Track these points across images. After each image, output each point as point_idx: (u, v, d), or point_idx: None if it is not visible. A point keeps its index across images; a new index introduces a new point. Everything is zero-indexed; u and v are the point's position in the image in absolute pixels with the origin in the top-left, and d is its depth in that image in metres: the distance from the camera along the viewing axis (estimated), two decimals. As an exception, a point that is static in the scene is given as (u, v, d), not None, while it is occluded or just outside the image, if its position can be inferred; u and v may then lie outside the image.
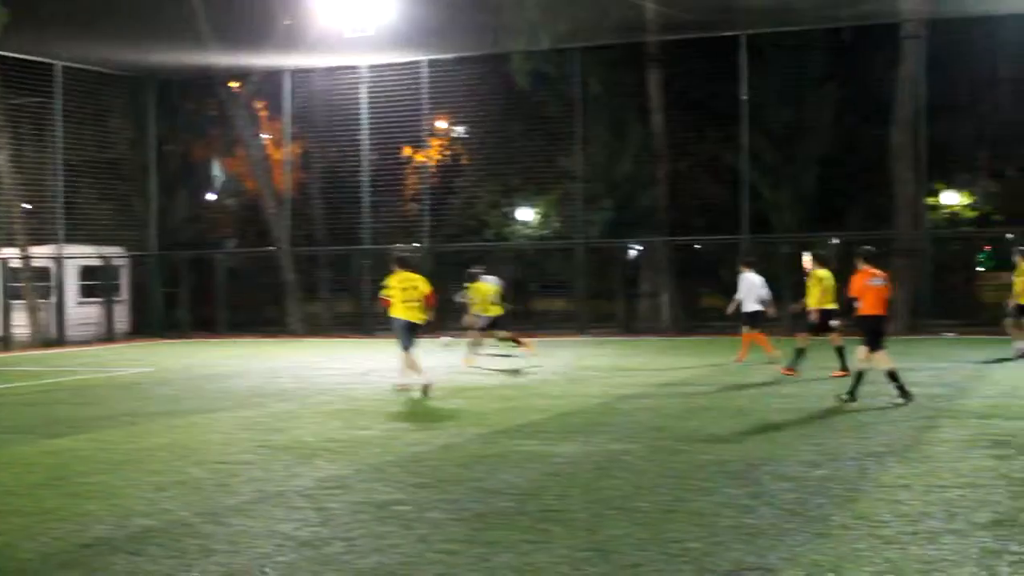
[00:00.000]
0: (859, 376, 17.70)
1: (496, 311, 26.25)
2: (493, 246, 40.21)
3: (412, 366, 20.49)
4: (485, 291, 26.22)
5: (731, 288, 26.98)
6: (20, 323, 37.45)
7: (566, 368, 25.34)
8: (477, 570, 8.34)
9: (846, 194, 37.92)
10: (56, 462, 13.57)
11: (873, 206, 36.73)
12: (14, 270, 37.67)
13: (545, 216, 41.93)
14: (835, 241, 33.95)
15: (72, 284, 39.49)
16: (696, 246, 40.78)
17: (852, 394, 17.57)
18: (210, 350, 29.68)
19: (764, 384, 21.09)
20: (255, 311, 36.43)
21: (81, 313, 39.39)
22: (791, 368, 22.44)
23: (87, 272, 40.33)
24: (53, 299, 38.71)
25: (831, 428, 15.14)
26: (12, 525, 10.09)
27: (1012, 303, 26.05)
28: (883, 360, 17.76)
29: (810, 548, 8.85)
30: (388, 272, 21.21)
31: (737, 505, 10.37)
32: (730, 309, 26.50)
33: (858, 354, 17.92)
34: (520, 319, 39.86)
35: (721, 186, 39.61)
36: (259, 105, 45.76)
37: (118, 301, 41.09)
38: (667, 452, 13.37)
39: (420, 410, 18.13)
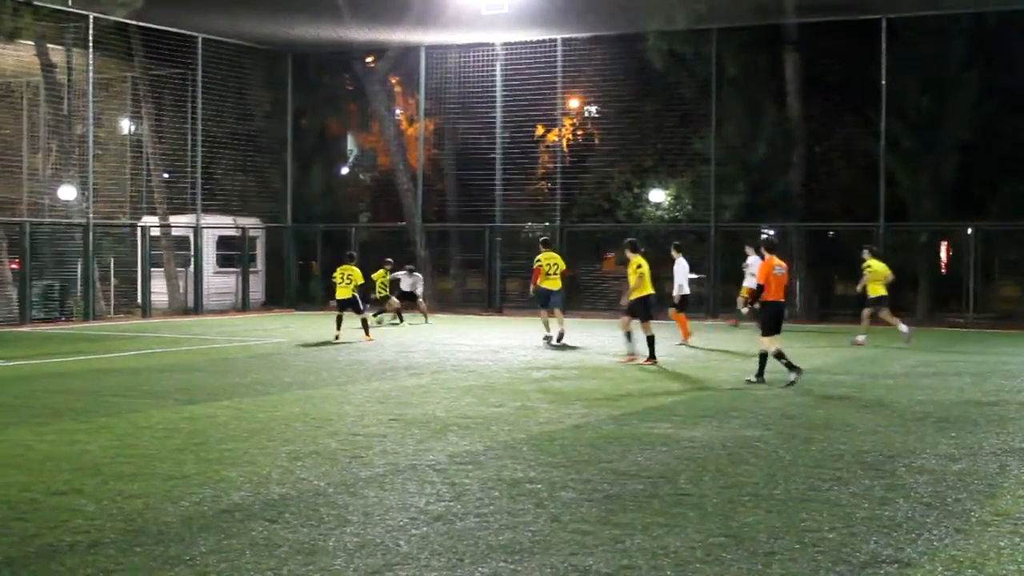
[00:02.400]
0: (779, 356, 18.87)
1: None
2: (624, 227, 40.04)
3: (548, 323, 25.83)
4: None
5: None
6: (159, 291, 38.24)
7: (696, 352, 25.19)
8: (610, 551, 8.33)
9: (986, 183, 37.06)
10: (195, 428, 13.85)
11: (1016, 195, 35.83)
12: (154, 239, 38.46)
13: (677, 198, 41.63)
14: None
15: (209, 254, 40.21)
16: (830, 233, 40.20)
17: (760, 376, 19.05)
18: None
19: (902, 374, 20.75)
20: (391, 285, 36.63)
21: (217, 283, 40.11)
22: None
23: (223, 242, 41.04)
24: (191, 268, 39.44)
25: (970, 422, 14.85)
26: (154, 488, 10.32)
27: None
28: (771, 343, 18.91)
29: (948, 543, 8.71)
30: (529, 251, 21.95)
31: (873, 496, 10.23)
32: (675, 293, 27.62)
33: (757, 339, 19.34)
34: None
35: (857, 172, 39.00)
36: (394, 81, 46.09)
37: (253, 272, 41.78)
38: (801, 440, 13.23)
39: (552, 389, 18.15)
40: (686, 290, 27.06)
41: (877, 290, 27.35)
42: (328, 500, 9.94)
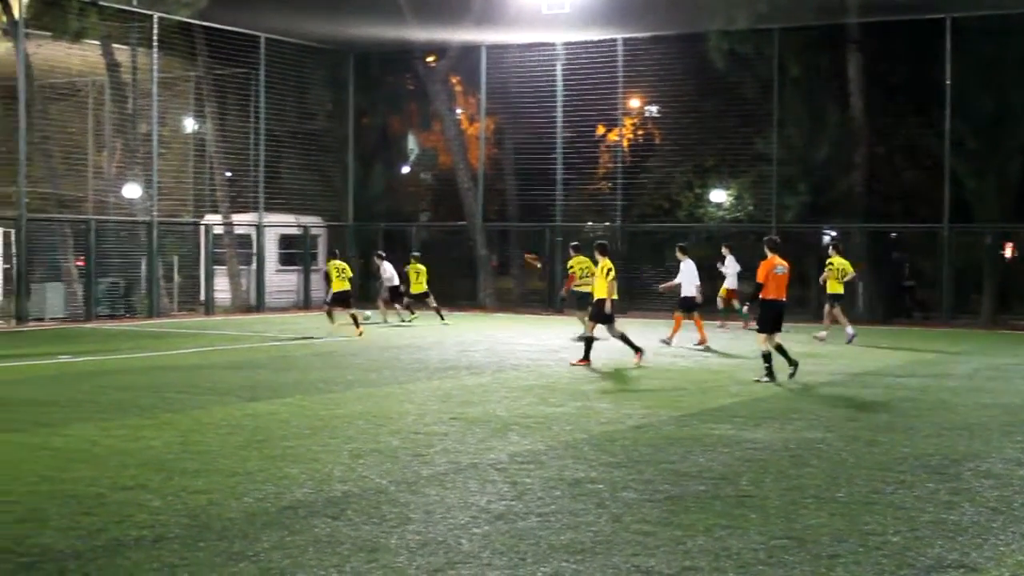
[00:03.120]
0: (767, 356, 19.32)
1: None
2: (685, 227, 39.92)
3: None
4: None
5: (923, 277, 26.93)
6: (221, 288, 38.53)
7: (758, 353, 25.00)
8: (672, 552, 8.32)
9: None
10: (257, 425, 13.96)
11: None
12: (217, 236, 38.76)
13: (738, 198, 41.45)
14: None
15: (271, 252, 40.46)
16: (892, 234, 39.85)
17: (770, 374, 19.27)
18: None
19: (966, 377, 20.57)
20: (447, 284, 36.72)
21: (279, 281, 40.35)
22: None
23: (285, 241, 41.29)
24: (253, 266, 39.72)
25: (1036, 425, 14.70)
26: (218, 484, 10.40)
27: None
28: (766, 341, 19.36)
29: (1016, 548, 8.63)
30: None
31: (938, 500, 10.16)
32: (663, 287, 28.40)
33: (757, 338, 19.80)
34: (709, 302, 39.60)
35: (920, 172, 38.61)
36: (455, 80, 46.18)
37: (315, 270, 41.99)
38: (864, 443, 13.14)
39: (612, 390, 18.13)
40: (693, 292, 26.92)
41: (835, 287, 28.46)
42: (390, 498, 9.98)
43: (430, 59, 44.40)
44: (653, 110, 44.57)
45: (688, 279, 26.85)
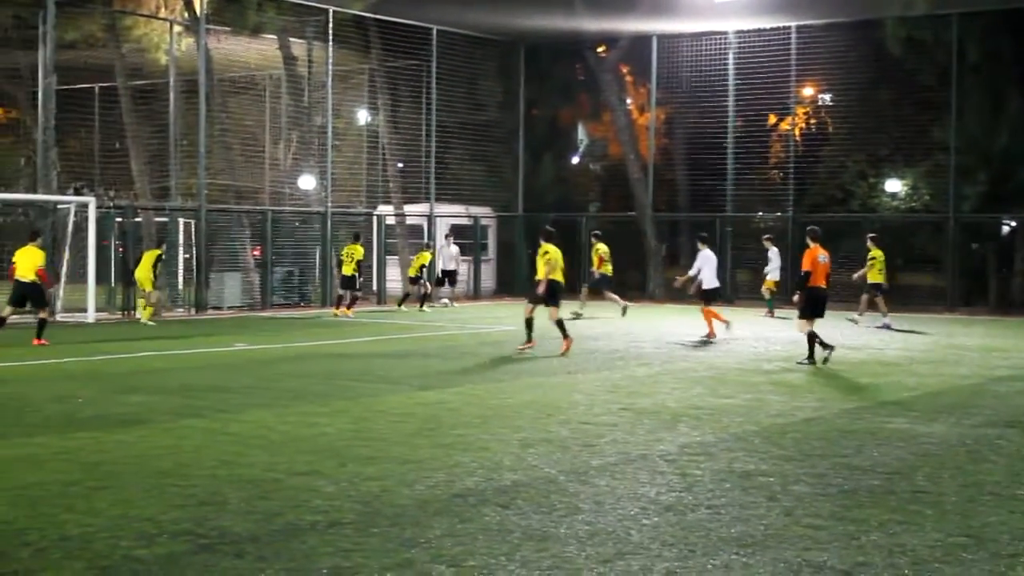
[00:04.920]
0: (811, 339, 20.28)
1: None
2: (859, 217, 39.21)
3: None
4: None
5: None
6: (393, 278, 39.02)
7: (935, 346, 24.53)
8: (845, 548, 8.18)
9: None
10: (428, 413, 14.12)
11: None
12: (389, 227, 39.28)
13: (914, 188, 40.55)
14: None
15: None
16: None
17: (811, 357, 20.20)
18: (571, 312, 30.01)
19: None
20: (616, 275, 36.61)
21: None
22: None
23: (456, 231, 41.62)
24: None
25: None
26: (390, 471, 10.55)
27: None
28: (805, 326, 20.39)
29: None
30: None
31: (1125, 499, 9.81)
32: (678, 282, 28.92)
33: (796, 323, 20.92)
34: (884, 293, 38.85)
35: (1107, 161, 37.37)
36: (625, 70, 46.04)
37: (485, 260, 42.30)
38: (1046, 439, 12.78)
39: (784, 381, 17.91)
40: (714, 283, 26.80)
41: (876, 277, 29.26)
42: (559, 487, 10.01)
43: (600, 49, 44.33)
44: (826, 98, 43.86)
45: (709, 270, 26.54)
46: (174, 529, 8.47)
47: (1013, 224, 38.43)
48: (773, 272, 33.02)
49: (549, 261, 21.90)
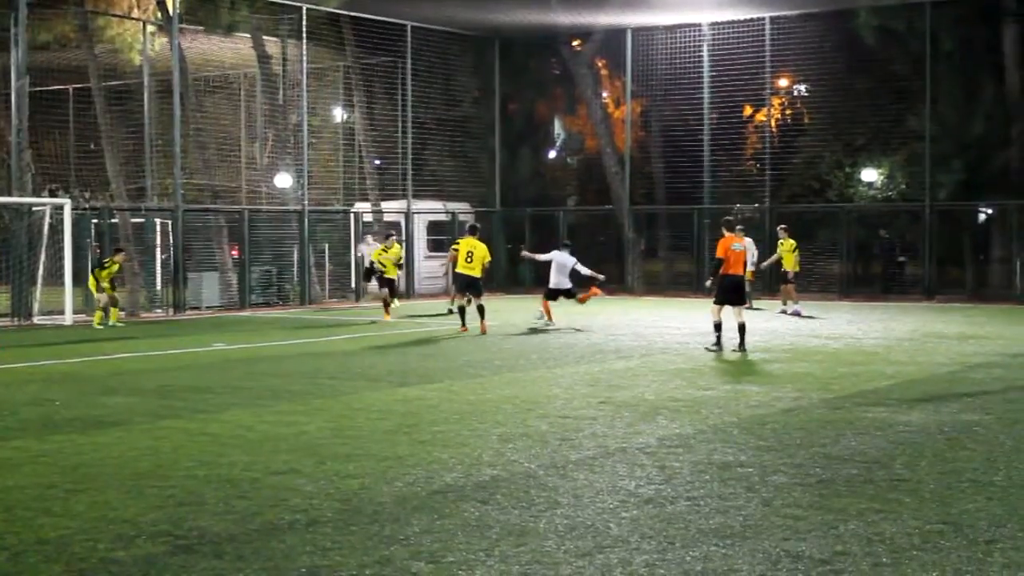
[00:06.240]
0: (717, 327, 21.03)
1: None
2: (836, 207, 39.32)
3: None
4: None
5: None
6: (370, 276, 38.97)
7: (912, 334, 24.61)
8: (824, 537, 8.19)
9: None
10: (407, 410, 14.10)
11: None
12: (366, 224, 39.23)
13: (890, 177, 40.69)
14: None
15: (420, 238, 40.86)
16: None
17: (719, 344, 20.94)
18: (550, 306, 30.02)
19: None
20: (594, 268, 36.54)
21: (428, 267, 40.70)
22: None
23: (434, 227, 41.63)
24: (402, 253, 40.04)
25: None
26: (369, 469, 10.53)
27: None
28: (717, 313, 21.14)
29: None
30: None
31: (1102, 483, 9.86)
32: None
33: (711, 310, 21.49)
34: (862, 283, 39.00)
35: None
36: (600, 63, 46.07)
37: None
38: (1023, 425, 12.81)
39: (762, 372, 17.95)
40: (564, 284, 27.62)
41: (790, 265, 30.66)
42: (538, 482, 10.00)
43: (575, 43, 44.39)
44: (802, 89, 44.04)
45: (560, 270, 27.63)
46: (152, 530, 8.43)
47: (990, 211, 38.58)
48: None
49: (457, 255, 25.57)
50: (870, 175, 40.96)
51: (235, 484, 9.93)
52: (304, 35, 36.88)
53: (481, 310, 25.21)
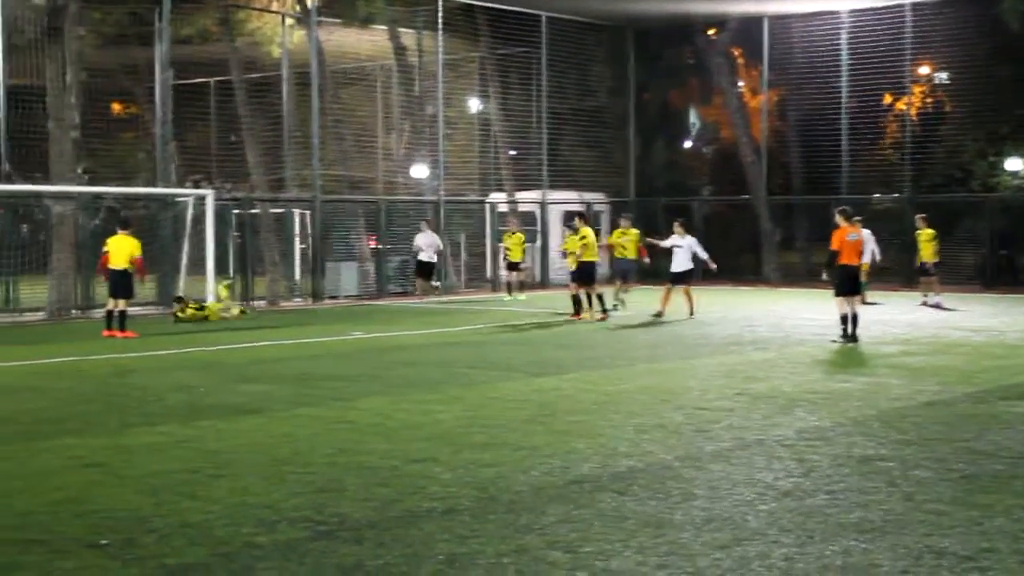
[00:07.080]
0: (843, 319, 20.72)
1: None
2: (980, 197, 38.47)
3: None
4: None
5: None
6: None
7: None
8: (968, 533, 8.03)
9: None
10: (543, 400, 14.13)
11: None
12: (502, 214, 39.38)
13: (1036, 166, 39.69)
14: None
15: (555, 229, 40.87)
16: None
17: (846, 336, 20.62)
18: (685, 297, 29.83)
19: None
20: (731, 259, 36.37)
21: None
22: None
23: (569, 217, 41.57)
24: (537, 243, 40.17)
25: None
26: (506, 458, 10.58)
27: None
28: (842, 305, 20.77)
29: None
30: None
31: None
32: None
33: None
34: (1005, 273, 38.12)
35: None
36: (736, 52, 45.65)
37: (599, 246, 42.11)
38: None
39: (902, 365, 17.64)
40: (688, 265, 27.47)
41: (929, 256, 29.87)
42: (675, 473, 9.96)
43: (711, 32, 44.01)
44: (943, 76, 43.11)
45: (684, 254, 27.39)
46: (293, 516, 8.57)
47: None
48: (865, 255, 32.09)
49: (587, 244, 25.97)
50: (1015, 164, 39.98)
51: (374, 472, 10.04)
52: (440, 26, 37.13)
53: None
